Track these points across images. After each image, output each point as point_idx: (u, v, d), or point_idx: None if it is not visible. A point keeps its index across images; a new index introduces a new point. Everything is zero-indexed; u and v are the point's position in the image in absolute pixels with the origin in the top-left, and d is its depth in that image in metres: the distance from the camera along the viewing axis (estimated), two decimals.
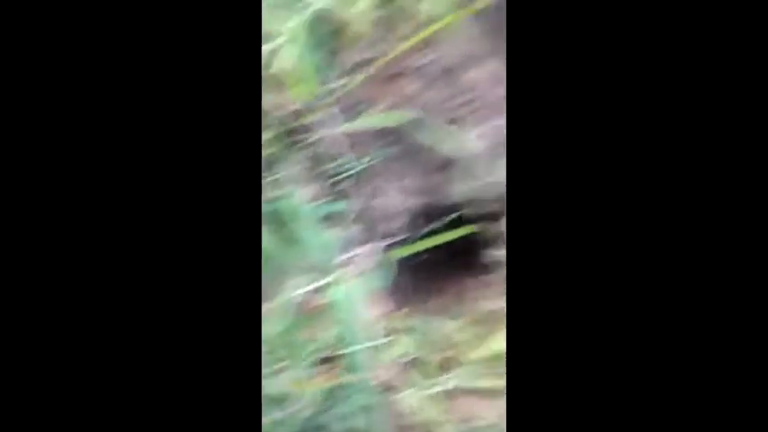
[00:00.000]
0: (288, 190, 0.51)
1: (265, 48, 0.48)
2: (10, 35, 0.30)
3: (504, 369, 0.54)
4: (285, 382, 0.48)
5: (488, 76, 0.52)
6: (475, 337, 0.56)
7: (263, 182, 0.49)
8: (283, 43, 0.47)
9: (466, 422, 0.55)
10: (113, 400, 0.31)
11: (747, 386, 0.31)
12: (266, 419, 0.47)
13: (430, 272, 0.60)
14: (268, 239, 0.49)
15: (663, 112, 0.32)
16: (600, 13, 0.33)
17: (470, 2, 0.51)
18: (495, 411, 0.55)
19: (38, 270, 0.30)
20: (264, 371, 0.45)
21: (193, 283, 0.31)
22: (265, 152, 0.50)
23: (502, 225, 0.55)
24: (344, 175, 0.53)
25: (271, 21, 0.48)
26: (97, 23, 0.31)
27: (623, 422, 0.32)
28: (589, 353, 0.33)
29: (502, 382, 0.55)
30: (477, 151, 0.53)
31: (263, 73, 0.48)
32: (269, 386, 0.47)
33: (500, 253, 0.55)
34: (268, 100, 0.49)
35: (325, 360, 0.51)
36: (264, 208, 0.48)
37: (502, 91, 0.52)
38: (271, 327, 0.48)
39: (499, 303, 0.56)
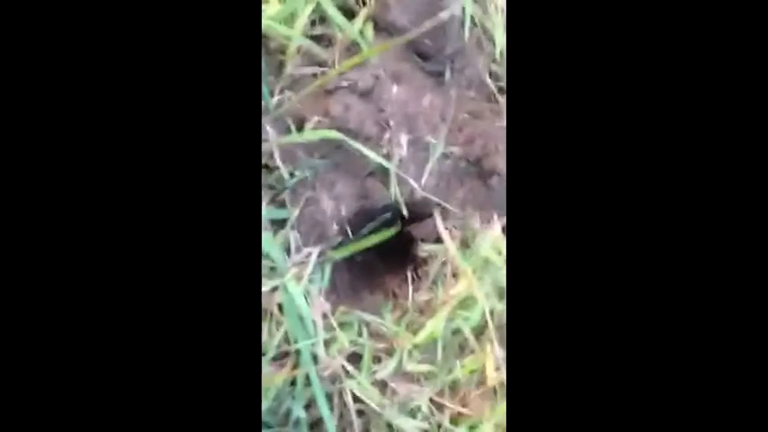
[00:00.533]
0: None
1: None
2: (8, 35, 0.31)
3: (437, 354, 0.60)
4: None
5: (412, 91, 0.59)
6: (409, 326, 0.61)
7: None
8: None
9: (405, 405, 0.60)
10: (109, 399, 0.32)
11: (750, 399, 0.31)
12: None
13: (365, 270, 0.64)
14: None
15: (665, 120, 0.33)
16: (607, 19, 0.33)
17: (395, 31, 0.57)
18: (431, 392, 0.61)
19: (33, 267, 0.31)
20: None
21: (191, 284, 0.33)
22: None
23: (430, 224, 0.61)
24: (281, 186, 0.57)
25: None
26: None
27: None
28: (588, 356, 0.33)
29: (435, 367, 0.61)
30: (404, 158, 0.59)
31: None
32: None
33: (430, 248, 0.61)
34: None
35: (278, 357, 0.54)
36: None
37: (425, 102, 0.59)
38: None
39: (430, 294, 0.62)
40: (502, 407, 0.59)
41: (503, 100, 0.67)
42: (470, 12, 0.63)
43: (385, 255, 0.62)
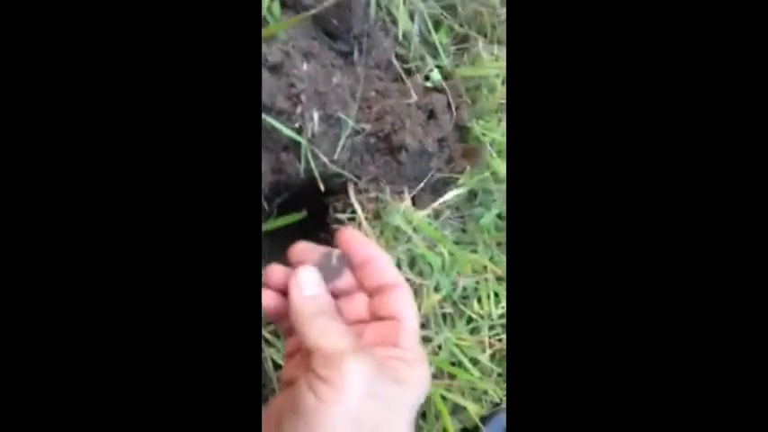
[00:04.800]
0: None
1: None
2: (8, 34, 0.30)
3: None
4: None
5: (321, 69, 0.61)
6: None
7: None
8: None
9: None
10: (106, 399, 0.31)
11: (749, 399, 0.31)
12: None
13: (286, 241, 0.66)
14: None
15: (664, 118, 0.32)
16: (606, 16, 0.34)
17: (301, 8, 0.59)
18: None
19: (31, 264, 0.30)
20: None
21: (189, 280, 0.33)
22: None
23: (346, 195, 0.64)
24: None
25: None
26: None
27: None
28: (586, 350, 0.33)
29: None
30: (316, 133, 0.61)
31: None
32: None
33: (346, 216, 0.64)
34: None
35: None
36: None
37: (335, 80, 0.61)
38: None
39: None
40: None
41: (409, 80, 0.71)
42: None
43: (303, 225, 0.64)
